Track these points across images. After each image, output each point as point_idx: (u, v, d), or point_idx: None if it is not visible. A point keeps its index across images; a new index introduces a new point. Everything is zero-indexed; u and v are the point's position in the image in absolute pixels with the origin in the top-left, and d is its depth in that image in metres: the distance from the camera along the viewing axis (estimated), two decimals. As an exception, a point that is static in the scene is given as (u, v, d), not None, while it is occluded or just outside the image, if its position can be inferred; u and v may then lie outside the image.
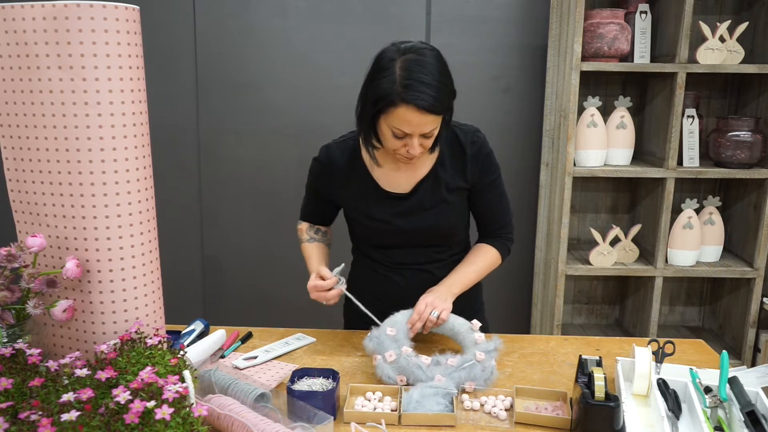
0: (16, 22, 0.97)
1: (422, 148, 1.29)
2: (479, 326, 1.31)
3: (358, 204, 1.44)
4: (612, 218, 2.60)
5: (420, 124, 1.23)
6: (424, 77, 1.20)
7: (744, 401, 1.04)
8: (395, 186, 1.42)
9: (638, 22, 2.26)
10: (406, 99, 1.20)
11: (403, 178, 1.41)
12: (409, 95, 1.20)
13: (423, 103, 1.20)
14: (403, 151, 1.30)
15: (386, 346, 1.22)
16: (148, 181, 1.08)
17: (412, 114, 1.21)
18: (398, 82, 1.21)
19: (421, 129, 1.24)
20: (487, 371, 1.20)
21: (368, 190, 1.43)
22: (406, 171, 1.41)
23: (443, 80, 1.23)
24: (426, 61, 1.22)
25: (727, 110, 2.48)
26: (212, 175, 2.62)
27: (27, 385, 0.89)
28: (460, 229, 1.50)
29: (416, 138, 1.26)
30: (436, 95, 1.21)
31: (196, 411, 0.84)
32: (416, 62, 1.21)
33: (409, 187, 1.41)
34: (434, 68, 1.22)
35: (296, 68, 2.51)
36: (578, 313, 2.70)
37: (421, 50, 1.24)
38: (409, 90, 1.20)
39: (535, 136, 2.52)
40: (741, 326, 2.37)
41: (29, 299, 1.02)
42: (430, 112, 1.21)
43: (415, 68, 1.21)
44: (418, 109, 1.20)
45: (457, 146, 1.41)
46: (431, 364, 1.20)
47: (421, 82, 1.20)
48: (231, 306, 2.73)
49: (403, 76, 1.21)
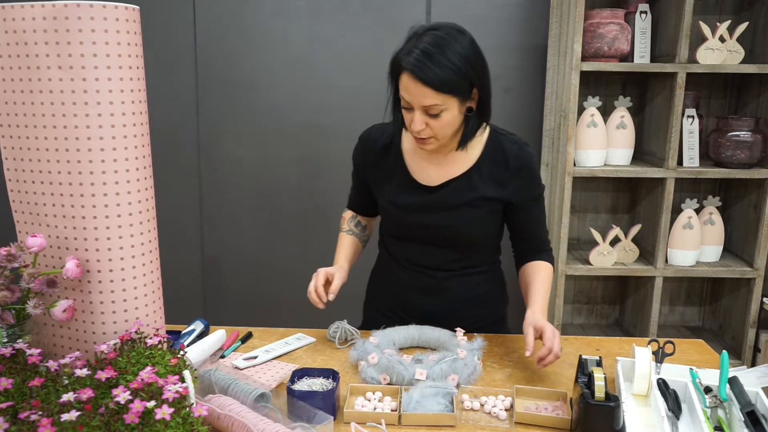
0: (16, 22, 0.97)
1: (429, 130, 1.27)
2: (462, 332, 1.34)
3: (385, 187, 1.44)
4: (612, 218, 2.60)
5: (418, 95, 1.22)
6: (433, 50, 1.19)
7: (744, 401, 1.04)
8: (425, 178, 1.40)
9: (638, 22, 2.26)
10: (406, 66, 1.21)
11: (435, 171, 1.39)
12: (409, 63, 1.20)
13: (419, 73, 1.19)
14: (413, 130, 1.28)
15: (369, 352, 1.24)
16: (148, 181, 1.08)
17: (410, 82, 1.22)
18: (408, 50, 1.22)
19: (420, 101, 1.22)
20: (469, 367, 1.21)
21: (398, 175, 1.42)
22: (438, 165, 1.39)
23: (455, 60, 1.20)
24: (443, 38, 1.21)
25: (727, 110, 2.48)
26: (212, 175, 2.62)
27: (27, 385, 0.89)
28: (483, 241, 1.46)
29: (417, 111, 1.24)
30: (438, 70, 1.19)
31: (196, 411, 0.84)
32: (432, 36, 1.21)
33: (439, 182, 1.39)
34: (449, 46, 1.20)
35: (296, 68, 2.52)
36: (578, 313, 2.70)
37: (444, 26, 1.24)
38: (411, 57, 1.20)
39: (535, 136, 2.52)
40: (741, 326, 2.37)
41: (29, 299, 1.02)
42: (426, 84, 1.20)
43: (428, 41, 1.21)
44: (414, 78, 1.20)
45: (501, 156, 1.37)
46: (412, 362, 1.22)
47: (426, 54, 1.19)
48: (231, 306, 2.73)
49: (414, 45, 1.22)
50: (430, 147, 1.32)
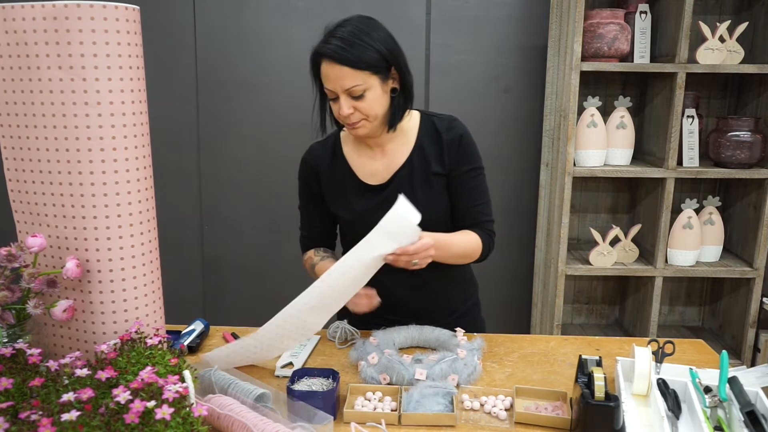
0: (16, 22, 0.97)
1: (359, 113, 1.30)
2: (462, 332, 1.34)
3: (340, 198, 1.45)
4: (612, 218, 2.60)
5: (338, 79, 1.26)
6: (346, 36, 1.26)
7: (744, 401, 1.04)
8: (374, 176, 1.42)
9: (638, 22, 2.26)
10: (324, 52, 1.26)
11: (380, 167, 1.42)
12: (321, 47, 1.27)
13: (336, 55, 1.24)
14: (342, 117, 1.32)
15: (369, 352, 1.25)
16: (148, 181, 1.08)
17: (329, 67, 1.26)
18: (324, 40, 1.28)
19: (342, 84, 1.26)
20: (469, 367, 1.22)
21: (348, 183, 1.44)
22: (382, 159, 1.42)
23: (368, 40, 1.27)
24: (354, 25, 1.28)
25: (727, 110, 2.48)
26: (212, 175, 2.62)
27: (27, 385, 0.89)
28: (441, 222, 1.42)
29: (343, 96, 1.28)
30: (346, 47, 1.25)
31: (196, 411, 0.84)
32: (343, 24, 1.29)
33: (386, 177, 1.41)
34: (361, 28, 1.27)
35: (296, 68, 2.51)
36: (578, 313, 2.70)
37: (355, 18, 1.31)
38: (323, 44, 1.27)
39: (535, 136, 2.52)
40: (741, 326, 2.37)
41: (29, 299, 1.02)
42: (340, 63, 1.24)
43: (339, 28, 1.28)
44: (329, 60, 1.25)
45: (435, 134, 1.41)
46: (412, 362, 1.22)
47: (333, 36, 1.26)
48: (231, 306, 2.73)
49: (329, 35, 1.28)
50: (364, 131, 1.34)
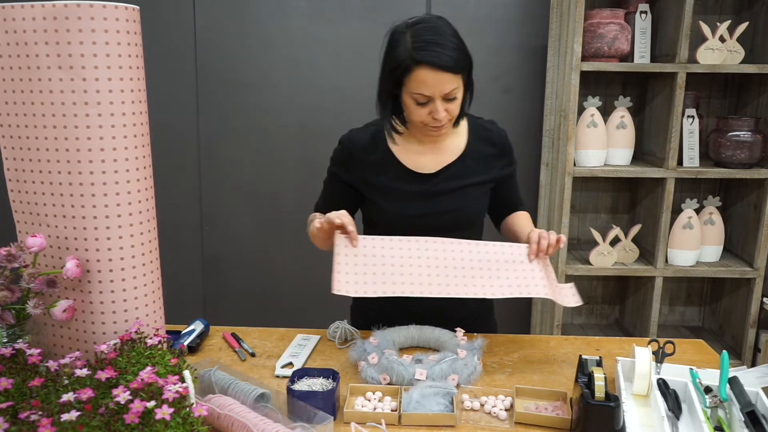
0: (16, 22, 0.97)
1: (448, 114, 1.30)
2: (462, 333, 1.34)
3: (377, 180, 1.41)
4: (612, 218, 2.60)
5: (438, 84, 1.25)
6: (435, 38, 1.24)
7: (744, 401, 1.04)
8: (420, 167, 1.41)
9: (638, 22, 2.26)
10: (420, 60, 1.23)
11: (429, 160, 1.41)
12: (422, 55, 1.23)
13: (437, 60, 1.22)
14: (429, 120, 1.30)
15: (369, 352, 1.24)
16: (148, 181, 1.08)
17: (428, 74, 1.24)
18: (411, 47, 1.24)
19: (441, 89, 1.25)
20: (469, 367, 1.21)
21: (391, 168, 1.41)
22: (431, 153, 1.42)
23: (455, 41, 1.26)
24: (436, 25, 1.27)
25: (727, 110, 2.48)
26: (212, 175, 2.62)
27: (27, 385, 0.89)
28: (478, 222, 1.50)
29: (439, 101, 1.27)
30: (449, 53, 1.23)
31: (196, 411, 0.84)
32: (425, 28, 1.26)
33: (435, 168, 1.41)
34: (444, 30, 1.26)
35: (296, 68, 2.52)
36: (578, 313, 2.70)
37: (428, 18, 1.29)
38: (421, 51, 1.23)
39: (535, 136, 2.52)
40: (741, 326, 2.37)
41: (29, 299, 1.02)
42: (445, 70, 1.23)
43: (425, 32, 1.25)
44: (432, 68, 1.23)
45: (486, 137, 1.44)
46: (412, 362, 1.22)
47: (432, 43, 1.23)
48: (231, 306, 2.73)
49: (414, 41, 1.25)
50: (445, 131, 1.35)
